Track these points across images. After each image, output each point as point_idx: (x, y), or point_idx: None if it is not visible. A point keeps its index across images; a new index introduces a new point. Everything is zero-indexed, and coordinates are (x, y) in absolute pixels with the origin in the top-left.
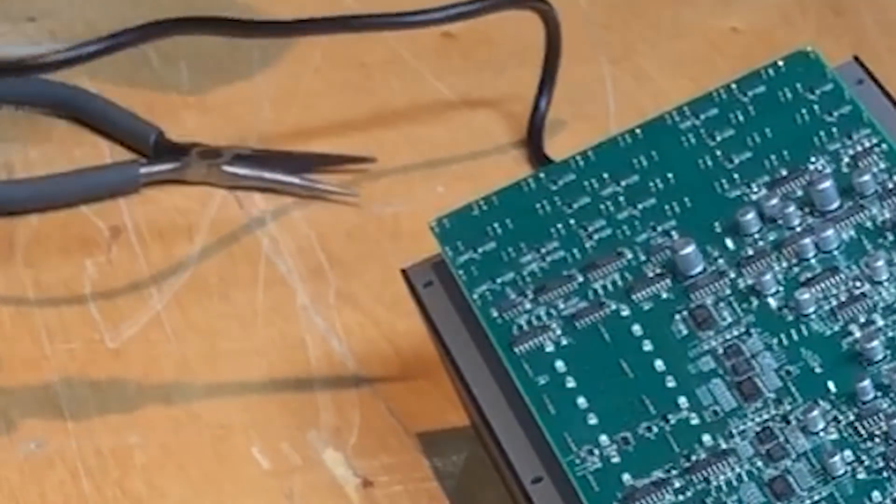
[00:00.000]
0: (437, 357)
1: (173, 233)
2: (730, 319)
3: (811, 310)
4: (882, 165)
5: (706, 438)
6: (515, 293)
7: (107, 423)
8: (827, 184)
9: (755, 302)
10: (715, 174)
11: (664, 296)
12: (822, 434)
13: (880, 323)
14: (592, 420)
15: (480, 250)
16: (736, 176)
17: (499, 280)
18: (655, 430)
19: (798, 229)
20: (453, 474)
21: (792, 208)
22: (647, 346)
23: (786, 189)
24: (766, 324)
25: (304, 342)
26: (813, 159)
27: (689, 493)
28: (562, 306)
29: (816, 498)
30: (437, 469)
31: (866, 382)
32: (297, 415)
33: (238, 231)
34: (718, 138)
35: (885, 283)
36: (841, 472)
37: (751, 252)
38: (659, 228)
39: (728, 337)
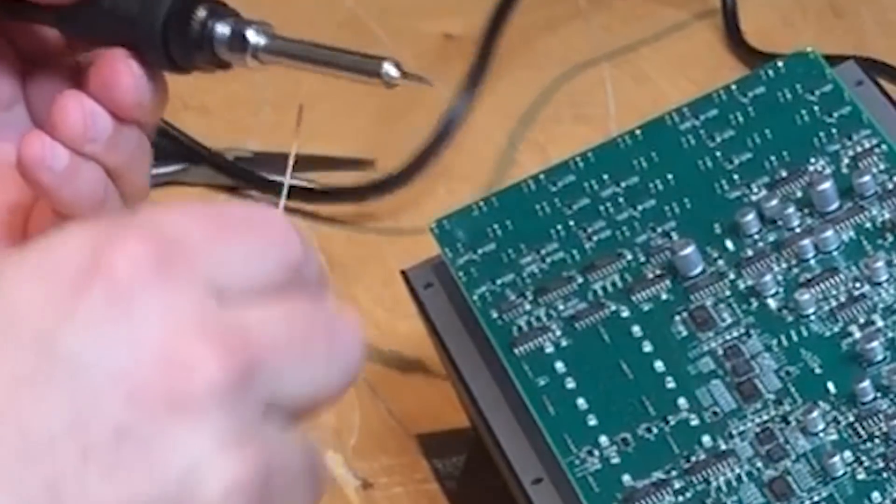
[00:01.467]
0: (437, 358)
1: None
2: (729, 320)
3: (811, 311)
4: (882, 166)
5: (706, 439)
6: (515, 294)
7: None
8: (827, 185)
9: (755, 303)
10: (715, 175)
11: (664, 297)
12: (821, 435)
13: (880, 324)
14: (592, 421)
15: (480, 252)
16: (736, 177)
17: (499, 281)
18: (655, 430)
19: (798, 230)
20: (453, 475)
21: (792, 209)
22: (647, 347)
23: (785, 190)
24: (765, 325)
25: None
26: (813, 160)
27: (688, 494)
28: (562, 307)
29: (816, 498)
30: (437, 470)
31: (866, 383)
32: None
33: None
34: (718, 139)
35: (885, 284)
36: (841, 472)
37: (750, 253)
38: (659, 229)
39: (728, 338)
